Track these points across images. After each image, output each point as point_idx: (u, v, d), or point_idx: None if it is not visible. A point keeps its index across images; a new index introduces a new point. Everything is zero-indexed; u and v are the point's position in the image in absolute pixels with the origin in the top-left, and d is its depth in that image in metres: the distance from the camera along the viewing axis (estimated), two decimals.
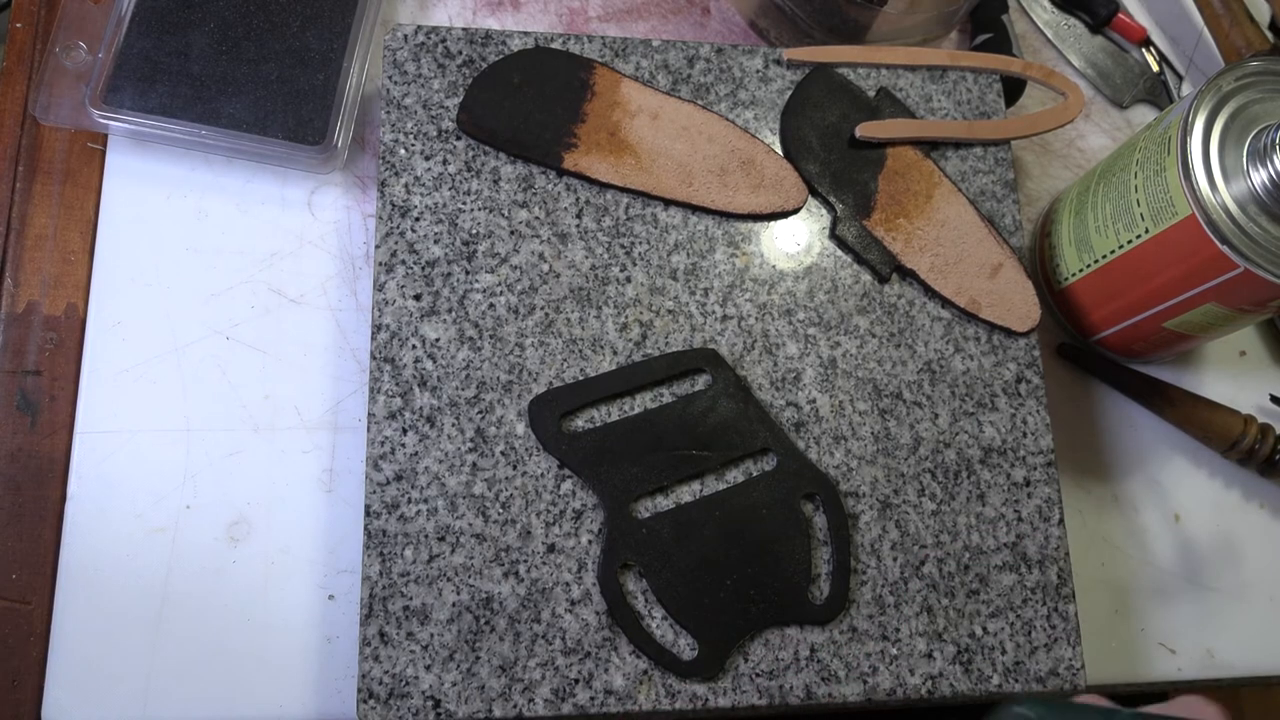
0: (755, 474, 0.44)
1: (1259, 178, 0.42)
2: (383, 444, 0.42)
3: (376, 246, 0.45)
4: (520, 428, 0.43)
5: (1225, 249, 0.42)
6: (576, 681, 0.40)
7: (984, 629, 0.44)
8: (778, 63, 0.51)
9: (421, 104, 0.47)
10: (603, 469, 0.43)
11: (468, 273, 0.45)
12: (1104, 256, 0.49)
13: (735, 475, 0.44)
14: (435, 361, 0.44)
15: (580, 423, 0.44)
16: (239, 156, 0.49)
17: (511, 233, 0.46)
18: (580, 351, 0.45)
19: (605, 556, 0.42)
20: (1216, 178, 0.43)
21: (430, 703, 0.39)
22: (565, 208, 0.47)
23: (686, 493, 0.43)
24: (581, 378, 0.44)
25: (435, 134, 0.47)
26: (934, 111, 0.51)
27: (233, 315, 0.47)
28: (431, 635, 0.40)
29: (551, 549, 0.42)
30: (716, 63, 0.50)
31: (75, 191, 0.49)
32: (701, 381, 0.45)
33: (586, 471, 0.43)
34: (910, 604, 0.44)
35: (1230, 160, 0.43)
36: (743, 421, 0.44)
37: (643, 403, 0.44)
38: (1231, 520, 0.54)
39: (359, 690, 0.39)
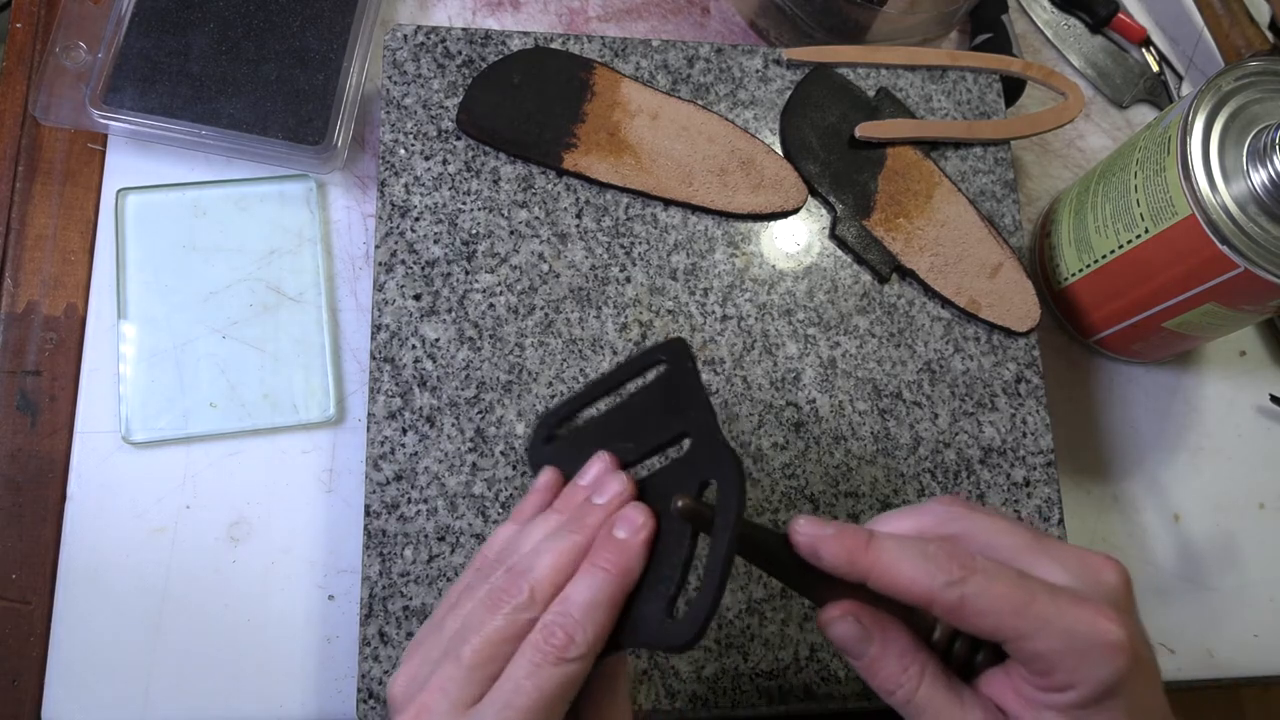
0: (665, 464, 0.34)
1: (1259, 178, 0.42)
2: (383, 444, 0.42)
3: (376, 246, 0.45)
4: (520, 428, 0.43)
5: (1225, 249, 0.42)
6: None
7: None
8: (778, 63, 0.51)
9: (421, 104, 0.47)
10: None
11: (468, 273, 0.45)
12: (1104, 256, 0.49)
13: (654, 466, 0.35)
14: (435, 361, 0.44)
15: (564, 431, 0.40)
16: (239, 156, 0.49)
17: (511, 233, 0.46)
18: (580, 351, 0.45)
19: None
20: (1216, 178, 0.43)
21: None
22: (565, 208, 0.47)
23: None
24: (581, 378, 0.44)
25: (435, 134, 0.47)
26: (934, 111, 0.51)
27: (231, 313, 0.47)
28: None
29: None
30: (716, 63, 0.50)
31: (75, 191, 0.49)
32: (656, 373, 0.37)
33: None
34: None
35: (1230, 160, 0.43)
36: (670, 409, 0.34)
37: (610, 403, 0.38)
38: (1231, 520, 0.54)
39: (359, 690, 0.39)
